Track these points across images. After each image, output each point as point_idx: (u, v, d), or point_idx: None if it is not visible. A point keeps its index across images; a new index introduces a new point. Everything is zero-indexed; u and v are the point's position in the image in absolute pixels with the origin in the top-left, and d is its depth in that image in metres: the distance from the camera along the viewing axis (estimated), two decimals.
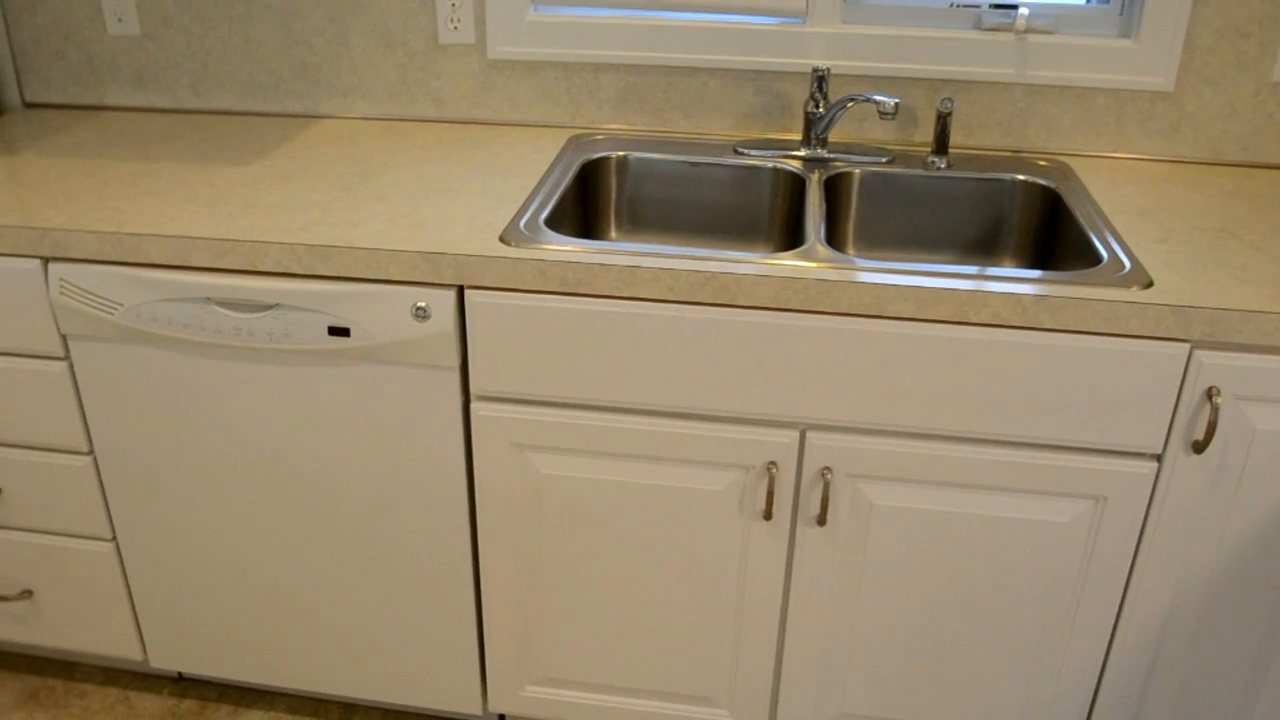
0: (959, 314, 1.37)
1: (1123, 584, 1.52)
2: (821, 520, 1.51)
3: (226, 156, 1.84)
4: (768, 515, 1.52)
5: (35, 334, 1.63)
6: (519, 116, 1.99)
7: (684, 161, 1.82)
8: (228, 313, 1.54)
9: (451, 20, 1.92)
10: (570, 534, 1.62)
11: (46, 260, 1.58)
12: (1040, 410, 1.41)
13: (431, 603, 1.73)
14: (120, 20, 2.04)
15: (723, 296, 1.41)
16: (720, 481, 1.54)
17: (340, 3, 1.95)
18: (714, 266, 1.40)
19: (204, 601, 1.83)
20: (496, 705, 1.81)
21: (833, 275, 1.39)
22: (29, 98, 2.15)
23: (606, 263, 1.41)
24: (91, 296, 1.57)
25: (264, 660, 1.87)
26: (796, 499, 1.54)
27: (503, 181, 1.71)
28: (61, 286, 1.58)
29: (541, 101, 1.97)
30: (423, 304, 1.48)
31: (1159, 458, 1.43)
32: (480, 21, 1.92)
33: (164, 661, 1.92)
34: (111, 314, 1.58)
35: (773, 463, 1.50)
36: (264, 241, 1.49)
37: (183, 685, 2.03)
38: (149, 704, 1.99)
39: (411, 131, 1.97)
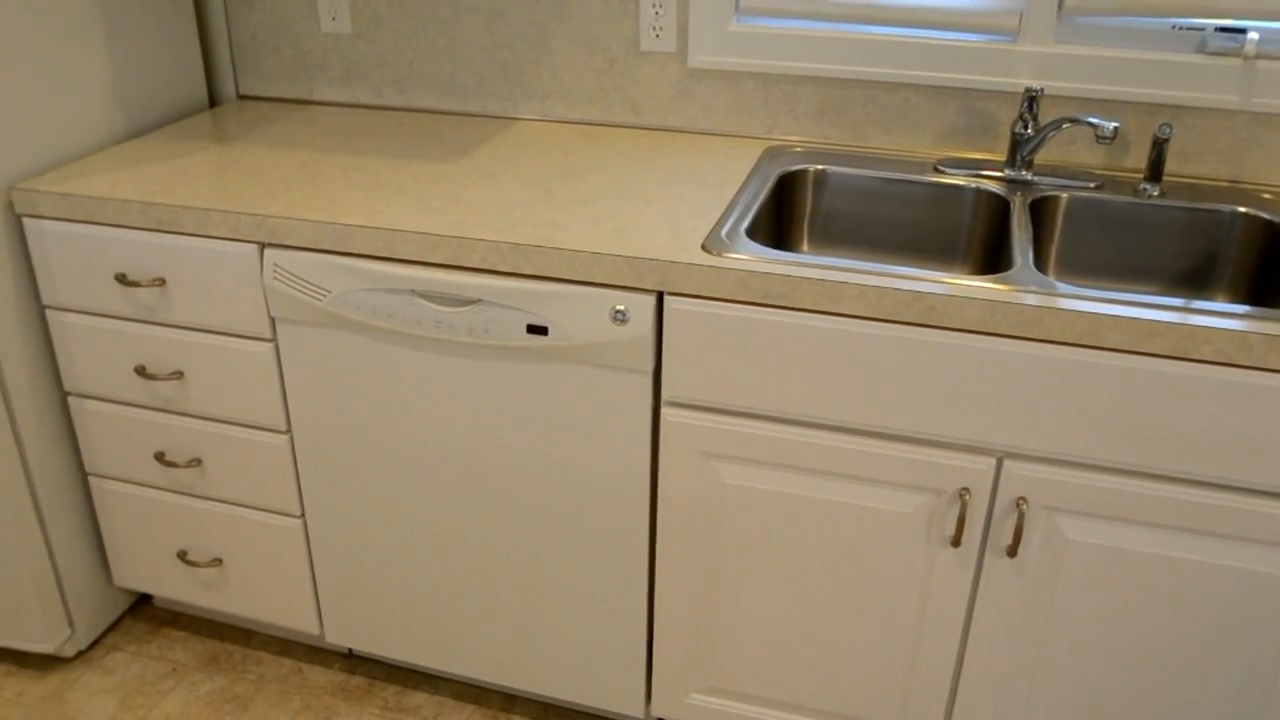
0: (1178, 349, 1.32)
1: None
2: (1012, 552, 1.47)
3: (430, 153, 1.89)
4: (956, 542, 1.48)
5: (247, 316, 1.71)
6: (714, 126, 2.00)
7: (882, 178, 1.80)
8: (430, 305, 1.58)
9: (654, 28, 1.93)
10: (750, 545, 1.61)
11: (263, 246, 1.65)
12: (1257, 454, 1.34)
13: (604, 602, 1.75)
14: (334, 19, 2.12)
15: (928, 317, 1.38)
16: (909, 504, 1.51)
17: (544, 8, 1.99)
18: (922, 286, 1.38)
19: (381, 583, 1.88)
20: (659, 709, 1.81)
21: (1045, 301, 1.35)
22: (242, 90, 2.26)
23: (811, 276, 1.40)
24: (302, 282, 1.64)
25: (432, 644, 1.91)
26: (987, 528, 1.50)
27: (701, 190, 1.72)
28: (275, 271, 1.65)
29: (738, 111, 1.97)
30: (622, 307, 1.50)
31: None
32: (683, 30, 1.93)
33: (338, 637, 1.98)
34: (319, 300, 1.64)
35: (965, 489, 1.47)
36: (471, 238, 1.53)
37: (352, 662, 2.09)
38: (320, 677, 2.06)
39: (608, 137, 1.99)
